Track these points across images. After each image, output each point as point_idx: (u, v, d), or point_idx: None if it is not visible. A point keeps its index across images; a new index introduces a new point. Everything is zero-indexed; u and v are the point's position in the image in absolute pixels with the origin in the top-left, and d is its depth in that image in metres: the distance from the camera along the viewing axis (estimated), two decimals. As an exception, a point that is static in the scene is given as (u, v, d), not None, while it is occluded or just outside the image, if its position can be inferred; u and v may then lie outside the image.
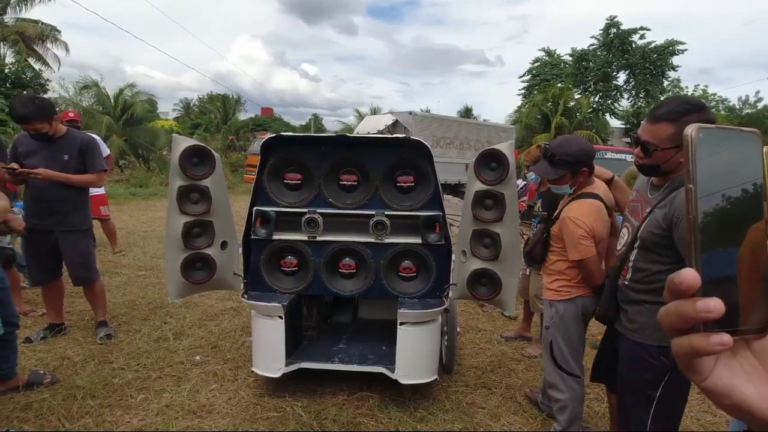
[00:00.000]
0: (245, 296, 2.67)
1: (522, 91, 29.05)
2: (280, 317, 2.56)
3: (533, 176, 4.44)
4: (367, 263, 2.77)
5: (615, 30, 25.48)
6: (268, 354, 2.61)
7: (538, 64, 28.77)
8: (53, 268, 3.24)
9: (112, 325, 3.48)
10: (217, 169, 2.50)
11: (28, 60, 16.57)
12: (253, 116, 34.95)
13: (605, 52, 25.91)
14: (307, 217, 2.69)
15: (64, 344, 3.18)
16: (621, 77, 26.59)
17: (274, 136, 2.74)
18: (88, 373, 2.80)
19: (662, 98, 21.68)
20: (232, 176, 15.85)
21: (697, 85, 31.51)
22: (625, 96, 26.76)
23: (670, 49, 24.81)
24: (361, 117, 23.85)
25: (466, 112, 34.07)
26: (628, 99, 26.71)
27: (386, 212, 2.72)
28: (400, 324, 2.50)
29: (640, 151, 1.65)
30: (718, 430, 2.52)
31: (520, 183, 4.90)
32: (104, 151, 4.49)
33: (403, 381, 2.52)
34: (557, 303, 2.25)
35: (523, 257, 2.66)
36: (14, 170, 2.85)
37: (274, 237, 2.75)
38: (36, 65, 17.05)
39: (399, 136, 2.76)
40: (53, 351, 3.08)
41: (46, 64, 17.47)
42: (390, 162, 2.75)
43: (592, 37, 26.58)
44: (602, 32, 25.96)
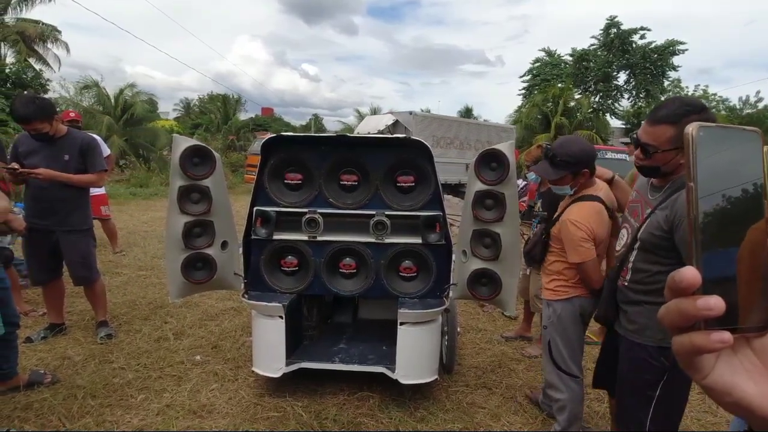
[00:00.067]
0: (245, 296, 2.67)
1: (522, 91, 29.12)
2: (281, 317, 2.56)
3: (533, 176, 4.45)
4: (368, 263, 2.77)
5: (615, 30, 25.50)
6: (268, 354, 2.61)
7: (539, 64, 28.79)
8: (54, 268, 3.24)
9: (113, 325, 3.49)
10: (218, 169, 2.50)
11: (29, 60, 16.60)
12: (254, 116, 34.93)
13: (605, 52, 25.92)
14: (307, 217, 2.69)
15: (65, 344, 3.18)
16: (621, 77, 26.66)
17: (274, 136, 2.74)
18: (89, 372, 2.81)
19: (663, 98, 21.71)
20: (232, 176, 15.85)
21: (698, 85, 31.64)
22: (626, 96, 26.83)
23: (670, 49, 24.82)
24: (361, 117, 23.86)
25: (467, 112, 34.08)
26: (629, 99, 26.78)
27: (386, 212, 2.72)
28: (401, 324, 2.51)
29: (640, 153, 1.65)
30: (719, 430, 2.52)
31: (521, 183, 4.91)
32: (105, 151, 4.50)
33: (404, 381, 2.52)
34: (555, 303, 2.26)
35: (523, 257, 2.66)
36: (15, 170, 2.85)
37: (275, 237, 2.75)
38: (36, 65, 17.09)
39: (399, 136, 2.76)
40: (54, 351, 3.08)
41: (47, 65, 17.50)
42: (390, 162, 2.75)
43: (592, 37, 26.69)
44: (602, 32, 26.00)
